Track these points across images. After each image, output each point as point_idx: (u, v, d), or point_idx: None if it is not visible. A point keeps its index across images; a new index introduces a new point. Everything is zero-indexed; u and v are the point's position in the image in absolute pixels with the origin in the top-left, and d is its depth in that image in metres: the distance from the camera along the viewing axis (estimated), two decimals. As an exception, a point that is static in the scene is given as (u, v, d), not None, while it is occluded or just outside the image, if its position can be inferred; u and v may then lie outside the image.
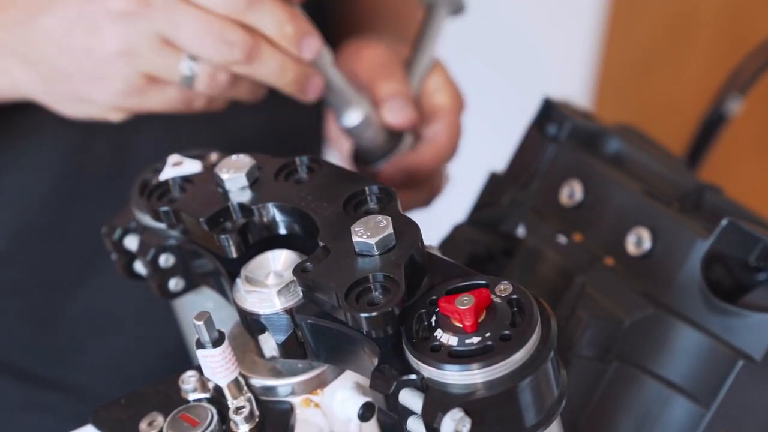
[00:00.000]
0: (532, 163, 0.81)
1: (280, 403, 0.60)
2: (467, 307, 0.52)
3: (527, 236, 0.78)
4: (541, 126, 0.82)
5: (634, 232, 0.72)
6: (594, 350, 0.70)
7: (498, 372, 0.51)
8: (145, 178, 0.69)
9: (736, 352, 0.66)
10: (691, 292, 0.68)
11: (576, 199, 0.77)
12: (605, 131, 0.80)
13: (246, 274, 0.59)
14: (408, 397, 0.52)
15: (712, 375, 0.67)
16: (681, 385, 0.68)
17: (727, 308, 0.67)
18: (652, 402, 0.68)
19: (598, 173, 0.76)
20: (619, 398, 0.70)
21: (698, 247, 0.69)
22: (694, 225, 0.70)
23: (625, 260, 0.72)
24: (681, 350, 0.68)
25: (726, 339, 0.67)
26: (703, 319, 0.68)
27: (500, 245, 0.80)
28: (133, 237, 0.69)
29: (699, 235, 0.69)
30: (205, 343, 0.57)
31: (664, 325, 0.68)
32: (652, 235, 0.71)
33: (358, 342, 0.56)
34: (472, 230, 0.81)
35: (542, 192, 0.79)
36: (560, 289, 0.74)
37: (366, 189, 0.61)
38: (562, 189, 0.78)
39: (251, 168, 0.63)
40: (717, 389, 0.67)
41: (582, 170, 0.77)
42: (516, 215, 0.81)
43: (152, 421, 0.60)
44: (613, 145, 0.80)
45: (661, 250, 0.71)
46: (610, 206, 0.74)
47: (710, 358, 0.67)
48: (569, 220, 0.77)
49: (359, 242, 0.56)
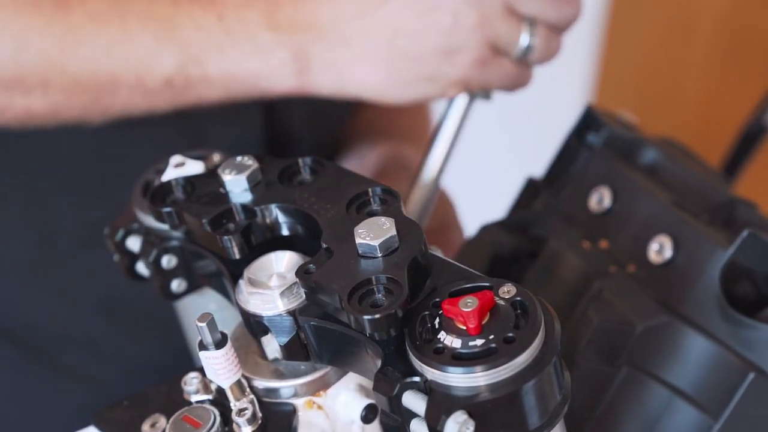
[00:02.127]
0: (567, 169, 0.82)
1: (282, 404, 0.60)
2: (471, 309, 0.52)
3: (552, 240, 0.78)
4: (581, 133, 0.82)
5: (656, 240, 0.72)
6: (604, 355, 0.70)
7: (501, 374, 0.51)
8: (147, 179, 0.69)
9: (748, 364, 0.66)
10: (708, 302, 0.68)
11: (604, 206, 0.77)
12: (643, 141, 0.81)
13: (249, 275, 0.59)
14: (411, 400, 0.52)
15: (723, 386, 0.67)
16: (691, 394, 0.68)
17: (743, 320, 0.67)
18: (661, 409, 0.68)
19: (627, 181, 0.77)
20: (627, 404, 0.70)
21: (718, 257, 0.69)
22: (717, 236, 0.70)
23: (646, 267, 0.73)
24: (693, 359, 0.68)
25: (739, 351, 0.67)
26: (718, 329, 0.68)
27: (526, 248, 0.80)
28: (136, 238, 0.69)
29: (720, 246, 0.69)
30: (207, 344, 0.57)
31: (678, 333, 0.68)
32: (674, 243, 0.71)
33: (361, 344, 0.56)
34: (500, 231, 0.81)
35: (572, 197, 0.80)
36: (578, 293, 0.74)
37: (369, 190, 0.60)
38: (591, 195, 0.78)
39: (254, 169, 0.63)
40: (726, 401, 0.66)
41: (612, 177, 0.78)
42: (547, 219, 0.81)
43: (155, 423, 0.60)
44: (649, 156, 0.80)
45: (682, 259, 0.71)
46: (637, 214, 0.75)
47: (721, 369, 0.67)
48: (596, 226, 0.77)
49: (362, 244, 0.56)
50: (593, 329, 0.70)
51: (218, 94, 0.80)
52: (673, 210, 0.73)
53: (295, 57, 0.78)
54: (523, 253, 0.80)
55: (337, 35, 0.77)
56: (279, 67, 0.78)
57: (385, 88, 0.79)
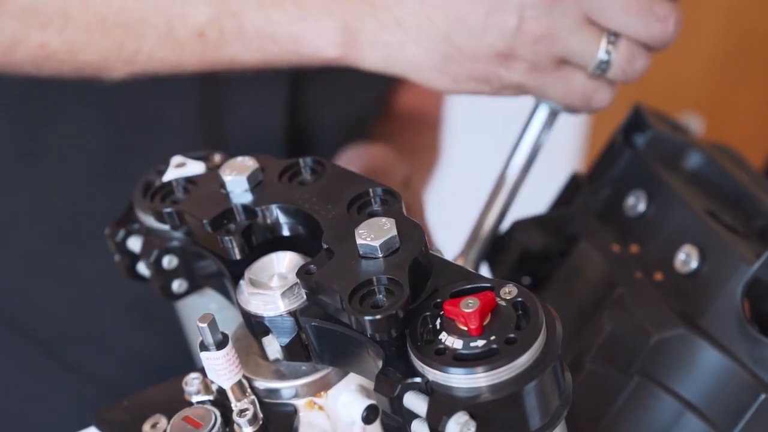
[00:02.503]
0: (609, 169, 0.80)
1: (283, 405, 0.60)
2: (472, 310, 0.52)
3: (582, 241, 0.77)
4: (628, 133, 0.81)
5: (684, 250, 0.71)
6: (616, 362, 0.70)
7: (503, 375, 0.51)
8: (148, 180, 0.69)
9: (761, 384, 0.65)
10: (728, 317, 0.67)
11: (639, 210, 0.76)
12: (689, 146, 0.79)
13: (250, 276, 0.59)
14: (412, 401, 0.52)
15: (734, 403, 0.66)
16: (701, 408, 0.67)
17: (760, 339, 0.66)
18: (670, 422, 0.68)
19: (663, 186, 0.75)
20: (636, 413, 0.69)
21: (743, 272, 0.67)
22: (745, 249, 0.69)
23: (672, 277, 0.72)
24: (706, 374, 0.67)
25: (754, 369, 0.66)
26: (734, 345, 0.67)
27: (557, 246, 0.79)
28: (137, 238, 0.69)
29: (745, 261, 0.68)
30: (208, 345, 0.57)
31: (693, 346, 0.67)
32: (700, 254, 0.70)
33: (362, 345, 0.56)
34: (532, 228, 0.80)
35: (609, 198, 0.79)
36: (602, 297, 0.73)
37: (370, 191, 0.60)
38: (628, 198, 0.77)
39: (255, 170, 0.63)
40: (736, 419, 0.66)
41: (650, 181, 0.76)
42: (581, 219, 0.80)
43: (155, 423, 0.59)
44: (694, 161, 0.78)
45: (707, 271, 0.70)
46: (669, 221, 0.74)
47: (734, 386, 0.66)
48: (629, 229, 0.76)
49: (363, 244, 0.56)
50: (605, 336, 0.69)
51: (253, 56, 0.75)
52: (703, 219, 0.71)
53: (343, 28, 0.72)
54: (553, 251, 0.79)
55: (390, 14, 0.72)
56: (323, 35, 0.73)
57: (435, 78, 0.74)
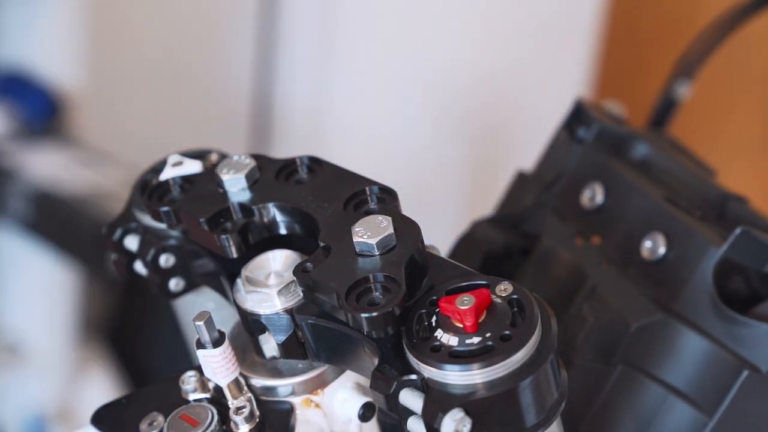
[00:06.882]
0: (558, 164, 0.81)
1: (280, 403, 0.60)
2: (468, 307, 0.52)
3: (544, 237, 0.78)
4: (571, 128, 0.81)
5: (649, 237, 0.72)
6: (599, 353, 0.70)
7: (498, 372, 0.51)
8: (145, 179, 0.69)
9: (741, 361, 0.66)
10: (702, 300, 0.68)
11: (596, 202, 0.77)
12: (633, 135, 0.80)
13: (246, 274, 0.59)
14: (408, 398, 0.52)
15: (717, 383, 0.67)
16: (685, 391, 0.68)
17: (736, 317, 0.67)
18: (655, 407, 0.68)
19: (619, 177, 0.76)
20: (622, 402, 0.69)
21: (711, 254, 0.68)
22: (710, 233, 0.70)
23: (639, 265, 0.72)
24: (687, 357, 0.68)
25: (733, 348, 0.66)
26: (711, 327, 0.67)
27: (518, 244, 0.80)
28: (134, 237, 0.69)
29: (713, 243, 0.68)
30: (205, 343, 0.57)
31: (672, 331, 0.68)
32: (667, 240, 0.71)
33: (358, 342, 0.56)
34: (491, 228, 0.81)
35: (564, 193, 0.79)
36: (572, 290, 0.74)
37: (366, 189, 0.61)
38: (583, 191, 0.78)
39: (251, 168, 0.63)
40: (720, 398, 0.66)
41: (604, 173, 0.77)
42: (539, 215, 0.80)
43: (152, 422, 0.59)
44: (640, 150, 0.79)
45: (675, 257, 0.70)
46: (629, 210, 0.74)
47: (715, 366, 0.67)
48: (589, 222, 0.77)
49: (360, 242, 0.56)
50: (588, 328, 0.70)
51: None
52: (665, 207, 0.72)
53: None
54: (515, 250, 0.80)
55: None
56: None
57: None
